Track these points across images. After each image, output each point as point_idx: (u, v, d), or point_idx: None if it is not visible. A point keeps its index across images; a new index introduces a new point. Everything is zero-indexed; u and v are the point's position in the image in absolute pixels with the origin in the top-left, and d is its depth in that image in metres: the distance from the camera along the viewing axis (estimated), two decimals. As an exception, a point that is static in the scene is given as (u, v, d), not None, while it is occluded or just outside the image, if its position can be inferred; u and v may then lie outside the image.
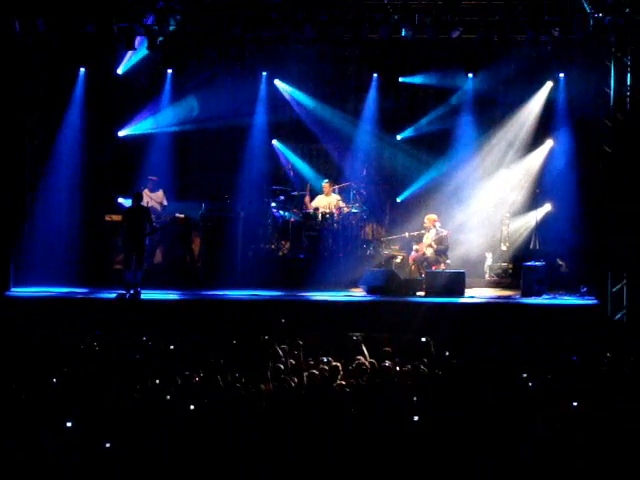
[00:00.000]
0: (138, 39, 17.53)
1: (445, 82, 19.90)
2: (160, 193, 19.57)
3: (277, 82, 20.32)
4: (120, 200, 19.21)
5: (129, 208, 17.75)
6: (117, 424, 9.32)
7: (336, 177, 20.40)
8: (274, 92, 20.41)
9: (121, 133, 20.07)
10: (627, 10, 16.53)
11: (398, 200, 20.50)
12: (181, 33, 17.57)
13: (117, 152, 20.21)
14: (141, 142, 20.14)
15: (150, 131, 20.16)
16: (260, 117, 20.40)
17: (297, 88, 20.47)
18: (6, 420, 9.39)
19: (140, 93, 20.12)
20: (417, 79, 19.83)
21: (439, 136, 20.22)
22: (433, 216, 19.01)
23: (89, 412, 9.67)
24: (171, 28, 17.25)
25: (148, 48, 17.49)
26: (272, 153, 20.82)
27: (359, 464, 8.78)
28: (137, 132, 20.09)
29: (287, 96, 20.48)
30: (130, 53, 18.73)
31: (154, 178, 19.63)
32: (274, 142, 20.73)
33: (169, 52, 18.66)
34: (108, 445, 8.70)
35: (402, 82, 19.89)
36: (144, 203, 18.26)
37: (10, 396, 10.28)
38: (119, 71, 19.56)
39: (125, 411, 9.73)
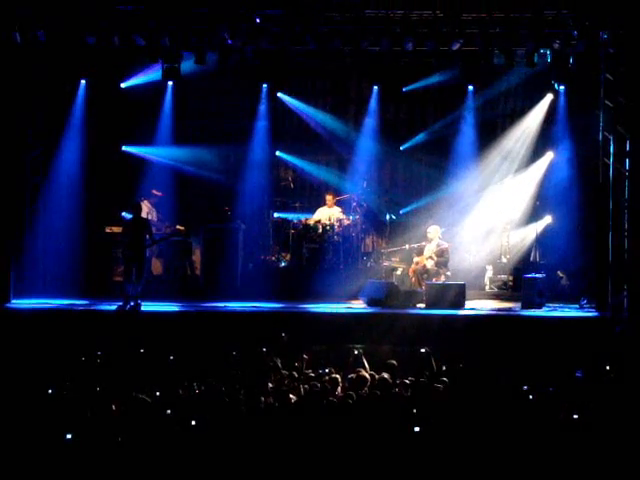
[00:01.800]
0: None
1: (446, 94, 19.90)
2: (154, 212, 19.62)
3: (280, 95, 20.31)
4: (124, 214, 19.19)
5: (129, 220, 17.75)
6: (117, 436, 9.31)
7: (336, 189, 20.41)
8: (275, 104, 20.41)
9: (124, 148, 20.12)
10: (626, 22, 16.57)
11: (401, 212, 20.46)
12: (183, 45, 17.61)
13: (118, 163, 20.22)
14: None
15: (155, 158, 20.24)
16: (260, 129, 20.41)
17: (298, 100, 20.49)
18: (6, 431, 9.39)
19: (142, 104, 20.09)
20: (419, 89, 19.84)
21: (439, 148, 20.23)
22: (438, 227, 19.00)
23: (89, 424, 9.66)
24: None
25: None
26: (273, 165, 20.84)
27: (360, 475, 8.77)
28: (141, 153, 20.16)
29: (289, 108, 20.49)
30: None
31: (158, 194, 19.63)
32: (278, 153, 20.73)
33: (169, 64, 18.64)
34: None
35: (404, 93, 19.88)
36: (144, 214, 18.31)
37: (10, 408, 10.27)
38: (123, 85, 19.64)
39: (126, 423, 9.73)
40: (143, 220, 17.65)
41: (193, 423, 9.56)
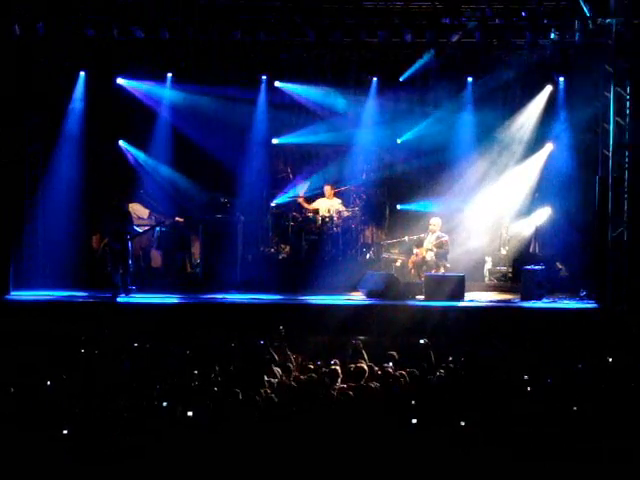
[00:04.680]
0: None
1: (445, 86, 19.85)
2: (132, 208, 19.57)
3: (278, 84, 20.23)
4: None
5: (110, 212, 17.89)
6: (115, 429, 9.31)
7: (336, 180, 20.37)
8: (274, 95, 20.34)
9: (121, 143, 20.13)
10: (627, 13, 16.54)
11: (399, 207, 20.42)
12: (180, 37, 17.58)
13: (117, 155, 20.21)
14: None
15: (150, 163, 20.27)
16: (260, 121, 20.36)
17: (297, 91, 20.41)
18: (4, 424, 9.39)
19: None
20: (418, 82, 19.77)
21: (438, 140, 20.14)
22: (439, 219, 18.99)
23: (87, 417, 9.67)
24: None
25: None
26: (271, 157, 20.78)
27: (359, 467, 8.78)
28: (137, 154, 20.19)
29: (287, 101, 20.41)
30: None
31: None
32: (274, 141, 20.60)
33: (168, 56, 18.64)
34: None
35: (403, 85, 19.79)
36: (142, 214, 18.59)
37: (9, 400, 10.27)
38: (121, 82, 19.66)
39: (124, 416, 9.73)
40: (124, 212, 17.83)
41: (190, 414, 9.58)
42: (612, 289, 17.01)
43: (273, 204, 19.96)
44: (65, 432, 9.08)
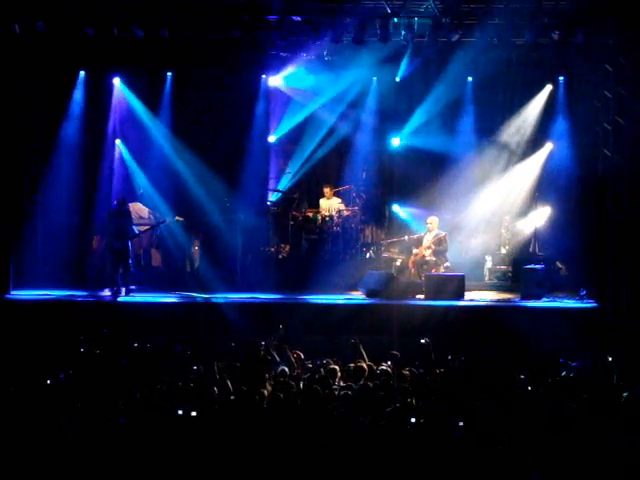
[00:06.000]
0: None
1: (445, 85, 19.83)
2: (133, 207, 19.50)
3: (274, 81, 20.17)
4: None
5: (112, 212, 17.89)
6: (115, 428, 9.32)
7: (336, 180, 20.36)
8: (273, 95, 20.32)
9: (117, 143, 20.13)
10: (626, 13, 16.54)
11: (394, 209, 20.40)
12: (180, 36, 17.59)
13: (117, 155, 20.20)
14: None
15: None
16: (260, 120, 20.35)
17: (295, 90, 20.38)
18: (5, 422, 9.40)
19: (141, 96, 20.07)
20: (417, 81, 19.73)
21: (438, 139, 20.11)
22: (436, 218, 19.01)
23: (87, 416, 9.67)
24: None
25: None
26: (271, 155, 20.74)
27: (358, 466, 8.79)
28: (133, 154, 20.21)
29: (286, 97, 20.38)
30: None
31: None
32: (270, 139, 20.56)
33: (168, 55, 18.63)
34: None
35: (401, 85, 19.76)
36: (143, 214, 18.59)
37: (9, 399, 10.28)
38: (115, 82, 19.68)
39: (124, 415, 9.74)
40: (125, 212, 17.85)
41: (194, 414, 9.58)
42: (612, 288, 17.02)
43: (269, 202, 19.92)
44: (65, 431, 9.10)
